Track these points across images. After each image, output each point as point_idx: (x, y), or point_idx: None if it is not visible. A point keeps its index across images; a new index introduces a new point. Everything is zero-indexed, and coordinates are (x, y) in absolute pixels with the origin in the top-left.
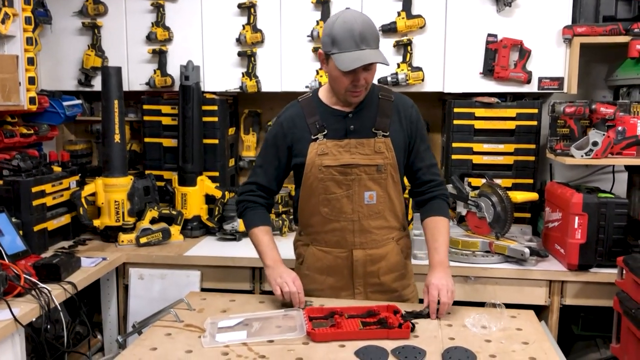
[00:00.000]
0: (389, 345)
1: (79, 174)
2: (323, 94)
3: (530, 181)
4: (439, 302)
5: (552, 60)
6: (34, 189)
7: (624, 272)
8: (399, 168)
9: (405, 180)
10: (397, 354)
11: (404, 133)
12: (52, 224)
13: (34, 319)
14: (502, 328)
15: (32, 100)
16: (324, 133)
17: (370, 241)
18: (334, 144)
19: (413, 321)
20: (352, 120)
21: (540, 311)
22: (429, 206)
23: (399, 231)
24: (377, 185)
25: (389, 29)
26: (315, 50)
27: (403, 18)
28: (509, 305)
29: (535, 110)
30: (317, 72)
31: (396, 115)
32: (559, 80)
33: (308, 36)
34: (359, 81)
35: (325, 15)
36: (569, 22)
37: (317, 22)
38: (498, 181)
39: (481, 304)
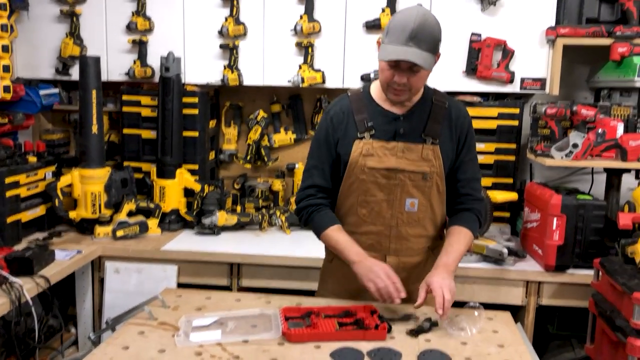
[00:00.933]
0: (364, 346)
1: (55, 165)
2: (375, 91)
3: (510, 180)
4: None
5: (535, 60)
6: (8, 180)
7: (600, 273)
8: (445, 177)
9: None
10: (372, 356)
11: (453, 142)
12: (26, 215)
13: (5, 312)
14: (479, 330)
15: (6, 89)
16: (371, 132)
17: (405, 249)
18: (380, 145)
19: (390, 322)
20: (403, 123)
21: (517, 311)
22: (459, 216)
23: (436, 240)
24: (421, 193)
25: (373, 25)
26: (298, 44)
27: (387, 14)
28: (486, 305)
29: (517, 110)
30: (300, 67)
31: (447, 122)
32: (541, 81)
33: (291, 30)
34: (399, 79)
35: (309, 9)
36: (553, 23)
37: (301, 16)
38: None
39: (459, 304)
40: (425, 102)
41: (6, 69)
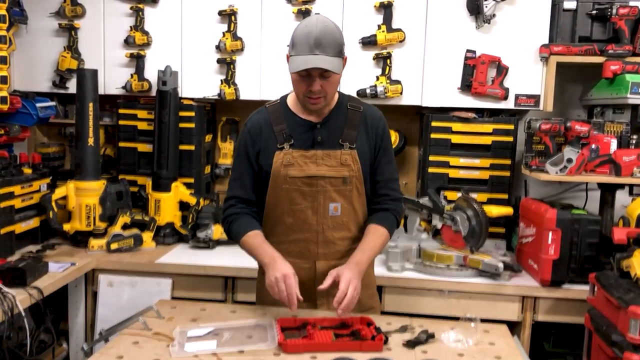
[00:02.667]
0: (361, 357)
1: (50, 177)
2: (291, 102)
3: (505, 196)
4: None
5: (529, 77)
6: (2, 191)
7: (596, 288)
8: (365, 180)
9: None
10: None
11: (369, 145)
12: (20, 227)
13: None
14: (476, 342)
15: (3, 100)
16: (290, 143)
17: (333, 252)
18: (300, 155)
19: (386, 334)
20: (320, 131)
21: (513, 327)
22: (377, 215)
23: (358, 241)
24: (342, 197)
25: (369, 42)
26: None
27: (383, 31)
28: (482, 320)
29: (512, 127)
30: None
31: (363, 126)
32: (535, 98)
33: (288, 46)
34: (314, 87)
35: None
36: (546, 41)
37: None
38: (474, 195)
39: (454, 318)
40: (340, 108)
41: (4, 80)
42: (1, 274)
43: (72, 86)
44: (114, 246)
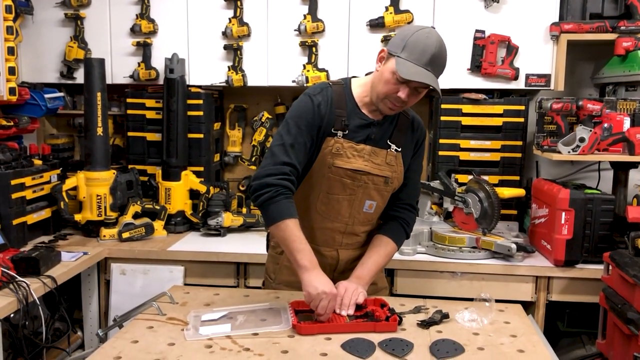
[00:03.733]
0: (375, 338)
1: (60, 168)
2: (356, 90)
3: (517, 178)
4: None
5: (540, 57)
6: (13, 182)
7: (610, 267)
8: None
9: None
10: (384, 346)
11: (411, 151)
12: (32, 218)
13: (12, 315)
14: (491, 322)
15: (12, 91)
16: (345, 132)
17: (355, 242)
18: (349, 146)
19: (400, 314)
20: (375, 129)
21: (527, 307)
22: (387, 225)
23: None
24: (380, 196)
25: (377, 24)
26: (302, 44)
27: (391, 13)
28: (496, 301)
29: (522, 107)
30: (304, 67)
31: (410, 132)
32: (546, 77)
33: (295, 30)
34: (404, 96)
35: (313, 9)
36: (557, 19)
37: (304, 16)
38: (485, 178)
39: (468, 300)
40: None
41: (12, 71)
42: (15, 263)
43: (79, 76)
44: (125, 235)
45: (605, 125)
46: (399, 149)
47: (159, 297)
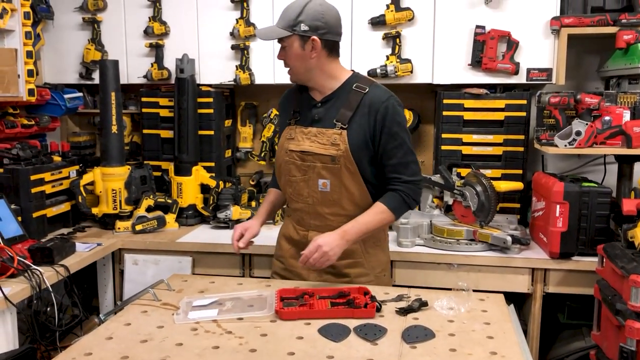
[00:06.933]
0: (352, 323)
1: (80, 164)
2: None
3: (520, 172)
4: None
5: (541, 51)
6: (33, 177)
7: (604, 260)
8: (357, 160)
9: None
10: (358, 331)
11: (368, 127)
12: (51, 211)
13: (29, 302)
14: (468, 310)
15: (31, 92)
16: (297, 119)
17: (325, 225)
18: (300, 130)
19: (381, 302)
20: (319, 109)
21: (524, 299)
22: (385, 195)
23: None
24: (331, 175)
25: (378, 22)
26: None
27: (392, 11)
28: (492, 292)
29: (524, 102)
30: None
31: (365, 108)
32: (548, 72)
33: None
34: (278, 56)
35: None
36: (557, 14)
37: None
38: (487, 172)
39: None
40: (344, 89)
41: (30, 73)
42: (31, 253)
43: (97, 77)
44: (138, 227)
45: (606, 118)
46: (345, 127)
47: (157, 284)
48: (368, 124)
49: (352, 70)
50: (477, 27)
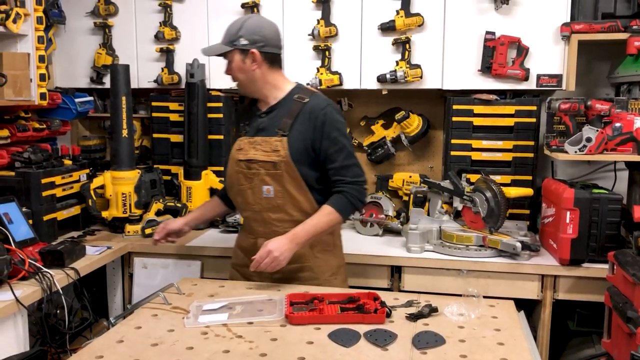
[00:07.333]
0: (363, 328)
1: (90, 168)
2: None
3: (529, 178)
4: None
5: (551, 57)
6: (44, 180)
7: (615, 267)
8: (298, 166)
9: None
10: (368, 336)
11: (309, 134)
12: (61, 214)
13: (39, 304)
14: (478, 316)
15: (42, 96)
16: (246, 130)
17: (271, 232)
18: (247, 141)
19: (391, 308)
20: (264, 119)
21: (534, 305)
22: (331, 197)
23: None
24: (274, 181)
25: (388, 27)
26: (316, 48)
27: (402, 16)
28: (501, 299)
29: (534, 108)
30: (318, 70)
31: (305, 116)
32: (558, 78)
33: (309, 35)
34: (225, 71)
35: (326, 14)
36: (567, 20)
37: (318, 21)
38: (497, 178)
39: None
40: (287, 100)
41: (42, 77)
42: (41, 255)
43: (108, 81)
44: (148, 231)
45: (616, 125)
46: (286, 134)
47: (167, 288)
48: (308, 130)
49: (296, 82)
50: (487, 33)
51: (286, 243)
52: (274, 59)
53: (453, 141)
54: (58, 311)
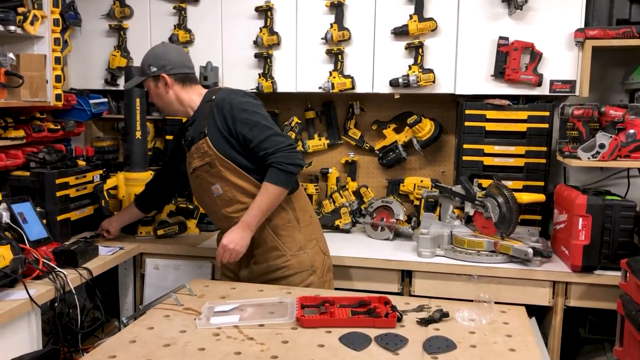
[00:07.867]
0: (373, 332)
1: (103, 169)
2: None
3: (541, 184)
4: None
5: (564, 63)
6: (58, 181)
7: (627, 274)
8: (227, 155)
9: None
10: (379, 340)
11: (223, 125)
12: (75, 215)
13: (51, 303)
14: (490, 321)
15: (58, 97)
16: (186, 146)
17: (233, 224)
18: (188, 154)
19: (402, 312)
20: (190, 131)
21: (545, 312)
22: (265, 175)
23: None
24: (217, 178)
25: (401, 32)
26: (329, 52)
27: (415, 21)
28: (513, 305)
29: (547, 113)
30: (330, 74)
31: (215, 112)
32: (571, 83)
33: (322, 38)
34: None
35: (339, 18)
36: (581, 25)
37: (331, 25)
38: (509, 183)
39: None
40: (200, 107)
41: (58, 79)
42: (55, 255)
43: (122, 83)
44: (160, 232)
45: (630, 131)
46: (205, 133)
47: (179, 289)
48: (221, 122)
49: (207, 89)
50: (501, 38)
51: (238, 233)
52: (185, 78)
53: (465, 146)
54: (70, 310)
